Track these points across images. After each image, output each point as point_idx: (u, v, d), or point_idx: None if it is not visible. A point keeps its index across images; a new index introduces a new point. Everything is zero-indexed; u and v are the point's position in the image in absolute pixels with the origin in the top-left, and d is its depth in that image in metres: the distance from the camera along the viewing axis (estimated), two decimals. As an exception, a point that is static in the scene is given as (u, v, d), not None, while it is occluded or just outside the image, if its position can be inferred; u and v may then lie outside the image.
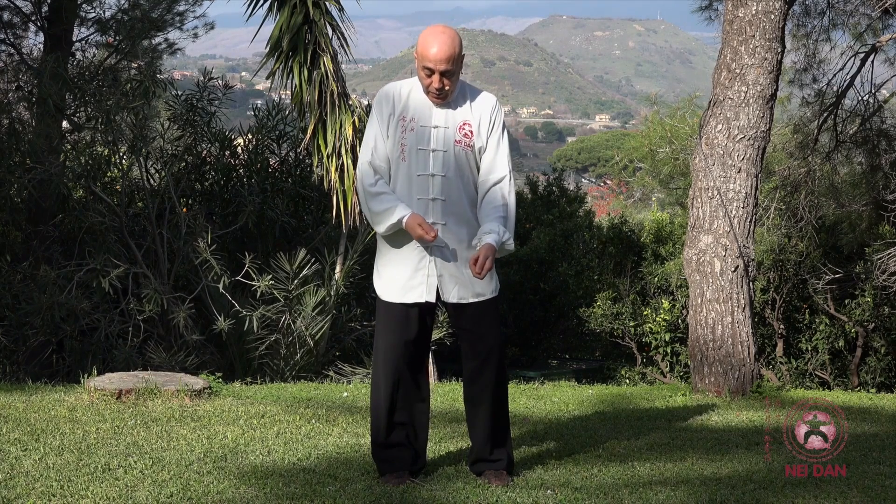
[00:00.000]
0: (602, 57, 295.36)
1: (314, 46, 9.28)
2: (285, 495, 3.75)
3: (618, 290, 12.94)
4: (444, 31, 3.93)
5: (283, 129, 12.88)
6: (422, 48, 3.91)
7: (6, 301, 10.48)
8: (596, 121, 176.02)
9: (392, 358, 4.00)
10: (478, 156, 4.00)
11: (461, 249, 3.96)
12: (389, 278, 4.00)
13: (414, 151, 3.95)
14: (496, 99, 4.10)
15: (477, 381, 4.07)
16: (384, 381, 4.02)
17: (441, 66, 3.87)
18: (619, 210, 20.25)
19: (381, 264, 4.08)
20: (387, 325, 4.02)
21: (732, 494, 3.93)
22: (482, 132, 4.00)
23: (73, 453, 4.35)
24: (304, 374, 10.07)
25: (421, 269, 3.95)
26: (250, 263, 10.45)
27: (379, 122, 4.01)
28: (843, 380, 12.39)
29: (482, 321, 4.00)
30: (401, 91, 4.03)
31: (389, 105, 4.00)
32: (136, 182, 12.05)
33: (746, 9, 7.30)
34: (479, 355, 4.03)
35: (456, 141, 3.97)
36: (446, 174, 3.94)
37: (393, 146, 3.98)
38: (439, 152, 3.95)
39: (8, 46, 12.27)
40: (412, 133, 3.96)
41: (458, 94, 4.02)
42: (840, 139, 11.11)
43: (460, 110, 4.01)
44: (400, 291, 3.97)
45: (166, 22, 13.27)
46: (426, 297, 3.96)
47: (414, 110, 3.98)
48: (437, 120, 3.98)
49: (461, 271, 3.95)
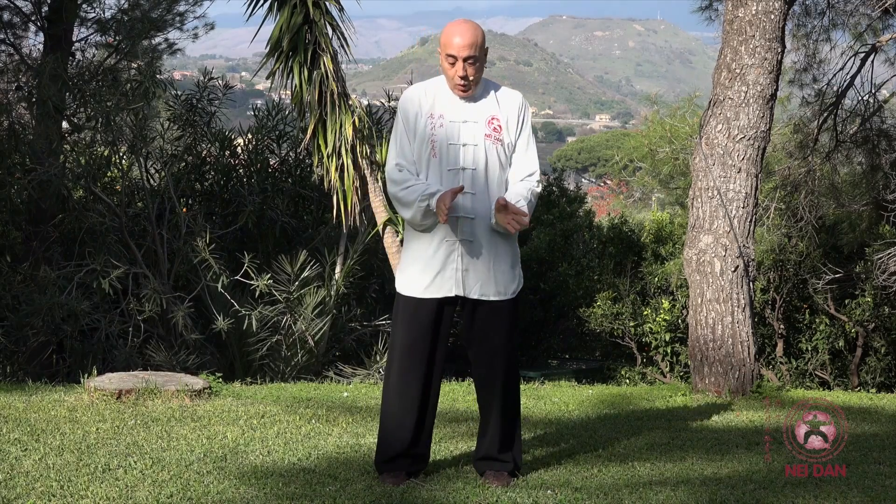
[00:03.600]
0: (602, 57, 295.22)
1: (314, 46, 9.27)
2: (285, 495, 3.75)
3: (618, 290, 12.92)
4: (466, 21, 3.99)
5: (283, 129, 12.88)
6: (445, 38, 3.95)
7: (6, 302, 10.48)
8: (596, 121, 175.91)
9: (412, 356, 3.98)
10: (507, 151, 4.02)
11: (488, 245, 3.96)
12: (417, 273, 3.98)
13: (445, 147, 3.96)
14: (521, 95, 4.13)
15: (486, 386, 4.07)
16: (397, 381, 4.00)
17: (464, 52, 3.90)
18: (619, 210, 20.25)
19: (408, 261, 4.05)
20: (408, 321, 3.99)
21: (732, 494, 3.93)
22: (511, 129, 4.02)
23: (73, 453, 4.35)
24: (304, 375, 10.07)
25: (450, 264, 3.94)
26: (250, 263, 10.45)
27: (404, 125, 4.02)
28: (843, 380, 12.38)
29: (495, 321, 4.00)
30: (426, 90, 4.05)
31: (415, 105, 4.01)
32: (136, 182, 12.06)
33: (746, 9, 7.31)
34: (488, 358, 4.03)
35: (486, 135, 3.98)
36: (476, 168, 3.96)
37: (422, 144, 3.98)
38: (470, 146, 3.97)
39: (8, 46, 12.26)
40: (442, 129, 3.97)
41: (483, 89, 4.04)
42: (840, 139, 11.10)
43: (488, 105, 4.03)
44: (428, 287, 3.95)
45: (166, 22, 13.25)
46: (455, 291, 3.95)
47: (442, 107, 4.00)
48: (466, 115, 3.99)
49: (487, 267, 3.96)
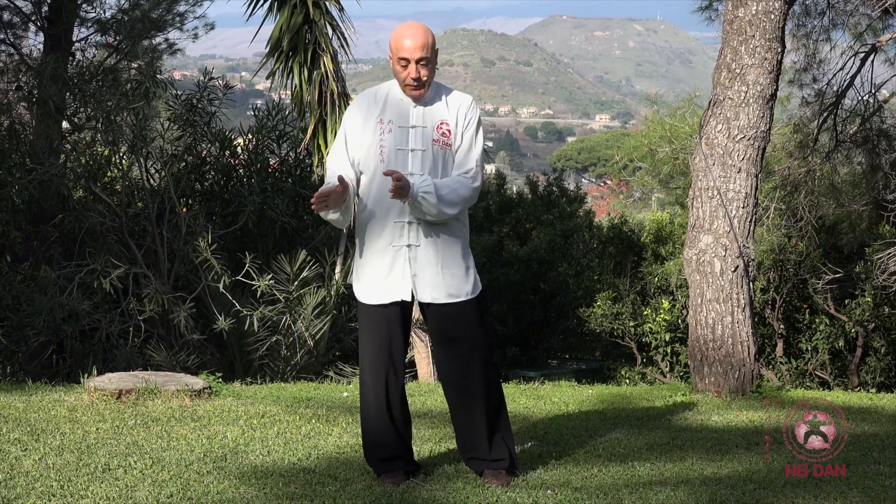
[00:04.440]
0: (602, 57, 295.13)
1: (314, 46, 9.28)
2: (285, 495, 3.75)
3: (618, 290, 12.93)
4: (415, 23, 4.01)
5: (283, 129, 12.87)
6: (395, 41, 3.94)
7: (7, 302, 10.48)
8: (596, 121, 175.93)
9: (380, 360, 3.99)
10: (455, 156, 4.01)
11: (437, 249, 3.96)
12: (368, 280, 4.01)
13: (393, 152, 3.96)
14: (472, 98, 4.12)
15: (454, 385, 4.06)
16: (373, 383, 4.02)
17: (416, 53, 3.90)
18: (619, 210, 20.25)
19: (358, 267, 4.09)
20: (370, 328, 4.03)
21: (732, 494, 3.93)
22: (458, 131, 4.01)
23: (73, 453, 4.35)
24: (304, 375, 10.07)
25: (396, 269, 3.95)
26: (250, 263, 10.45)
27: (349, 130, 4.02)
28: (843, 380, 12.39)
29: (459, 323, 3.99)
30: (377, 94, 4.06)
31: (364, 110, 4.02)
32: (136, 182, 12.05)
33: (746, 9, 7.30)
34: (456, 359, 4.02)
35: (434, 140, 3.98)
36: (424, 174, 3.94)
37: (369, 150, 3.98)
38: (418, 151, 3.96)
39: (8, 46, 12.26)
40: (390, 134, 3.97)
41: (434, 93, 4.04)
42: (840, 139, 11.10)
43: (438, 109, 4.02)
44: (380, 292, 3.98)
45: (166, 22, 13.25)
46: (402, 296, 3.96)
47: (391, 112, 3.99)
48: (415, 119, 3.99)
49: (436, 271, 3.95)
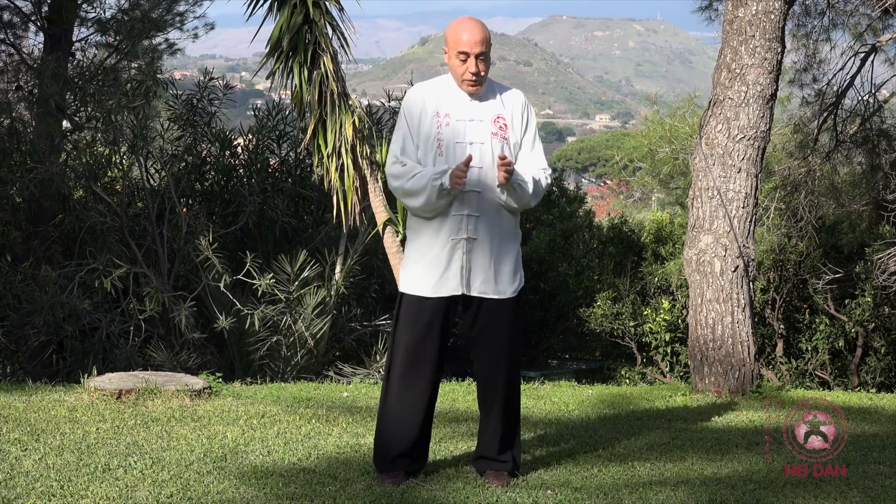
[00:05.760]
0: (602, 57, 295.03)
1: (314, 46, 9.26)
2: (285, 495, 3.75)
3: (618, 290, 12.93)
4: (472, 18, 4.02)
5: (283, 129, 12.88)
6: (453, 36, 3.96)
7: (7, 301, 10.48)
8: (596, 121, 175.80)
9: (419, 352, 3.97)
10: (512, 149, 4.03)
11: (493, 243, 3.97)
12: (424, 272, 3.97)
13: (451, 145, 3.97)
14: (524, 94, 4.15)
15: (488, 385, 4.07)
16: (404, 376, 3.99)
17: (476, 48, 3.93)
18: (619, 210, 20.24)
19: (412, 259, 4.04)
20: (413, 320, 3.98)
21: (732, 494, 3.93)
22: (515, 127, 4.05)
23: (73, 453, 4.35)
24: (304, 375, 10.07)
25: (454, 263, 3.94)
26: (251, 263, 10.45)
27: (408, 124, 4.02)
28: (843, 380, 12.38)
29: (496, 321, 4.00)
30: (432, 89, 4.07)
31: (420, 104, 4.02)
32: (136, 182, 12.06)
33: (746, 9, 7.31)
34: (490, 358, 4.03)
35: (492, 133, 4.00)
36: (483, 166, 3.96)
37: (427, 144, 3.99)
38: (476, 145, 3.98)
39: (8, 46, 12.25)
40: (448, 128, 3.98)
41: (487, 88, 4.06)
42: (840, 139, 11.10)
43: (492, 104, 4.05)
44: (436, 285, 3.95)
45: (166, 22, 13.23)
46: (461, 290, 3.96)
47: (448, 105, 4.01)
48: (472, 113, 4.01)
49: (490, 266, 3.96)
